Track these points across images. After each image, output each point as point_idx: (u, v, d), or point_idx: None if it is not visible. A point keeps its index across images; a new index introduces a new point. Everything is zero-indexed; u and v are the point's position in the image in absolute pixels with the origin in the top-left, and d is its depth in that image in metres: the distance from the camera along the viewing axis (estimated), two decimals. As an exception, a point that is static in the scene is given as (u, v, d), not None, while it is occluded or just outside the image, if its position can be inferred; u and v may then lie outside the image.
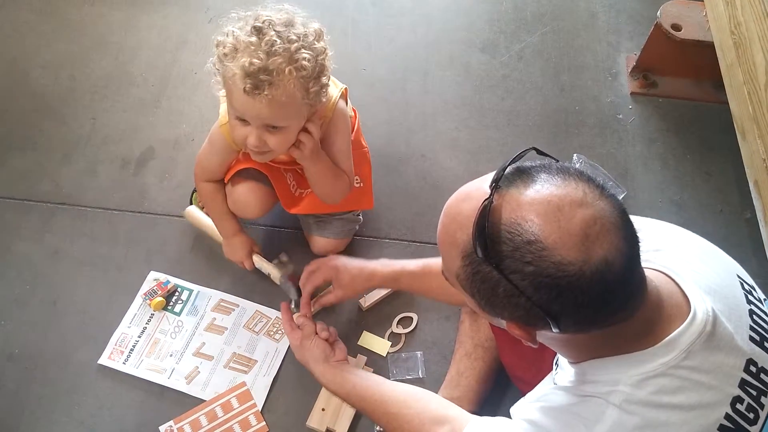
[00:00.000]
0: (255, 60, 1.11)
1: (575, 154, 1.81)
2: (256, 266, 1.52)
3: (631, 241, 0.71)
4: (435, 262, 1.31)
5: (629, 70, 2.02)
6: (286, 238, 1.64)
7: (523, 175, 0.73)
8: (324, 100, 1.26)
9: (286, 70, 1.13)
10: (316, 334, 1.33)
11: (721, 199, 1.79)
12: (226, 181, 1.48)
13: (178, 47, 2.01)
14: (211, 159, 1.43)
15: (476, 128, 1.90)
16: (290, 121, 1.22)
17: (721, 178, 1.83)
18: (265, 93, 1.13)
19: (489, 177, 0.75)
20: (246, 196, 1.45)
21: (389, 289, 1.53)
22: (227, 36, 1.16)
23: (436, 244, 0.82)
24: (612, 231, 0.69)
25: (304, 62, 1.15)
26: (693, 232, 0.94)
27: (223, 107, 1.33)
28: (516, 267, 0.69)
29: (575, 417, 0.79)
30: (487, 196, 0.71)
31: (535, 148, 0.81)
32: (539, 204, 0.69)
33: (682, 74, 1.99)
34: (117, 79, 1.93)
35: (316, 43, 1.19)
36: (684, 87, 1.99)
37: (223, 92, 1.25)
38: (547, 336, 0.78)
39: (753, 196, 1.50)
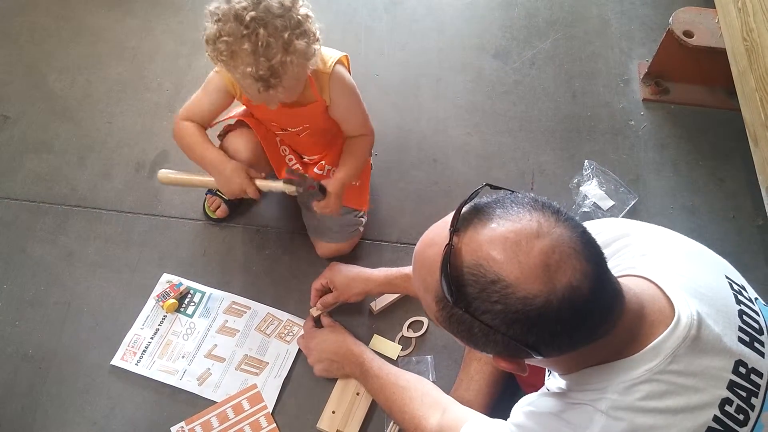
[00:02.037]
0: (260, 70, 1.15)
1: (586, 161, 1.81)
2: (264, 190, 1.41)
3: (595, 260, 0.72)
4: None
5: (641, 77, 2.02)
6: (309, 243, 1.64)
7: (480, 213, 0.75)
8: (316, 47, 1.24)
9: (288, 60, 1.16)
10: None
11: (733, 205, 1.78)
12: (218, 136, 1.51)
13: (192, 52, 2.03)
14: (203, 100, 1.41)
15: (488, 133, 1.90)
16: (302, 84, 1.28)
17: (733, 185, 1.82)
18: (278, 89, 1.18)
19: (449, 219, 0.77)
20: (236, 139, 1.47)
21: (398, 294, 1.54)
22: (218, 38, 1.16)
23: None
24: (572, 256, 0.70)
25: (299, 45, 1.17)
26: (705, 238, 0.94)
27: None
28: (485, 307, 0.71)
29: (564, 423, 0.81)
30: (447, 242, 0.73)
31: (488, 184, 0.82)
32: (497, 242, 0.71)
33: (694, 81, 1.99)
34: (132, 83, 1.96)
35: (292, 8, 1.18)
36: (696, 93, 1.99)
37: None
38: (536, 361, 0.80)
39: (765, 202, 1.50)
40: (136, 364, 1.45)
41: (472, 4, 2.22)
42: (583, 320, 0.71)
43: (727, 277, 0.88)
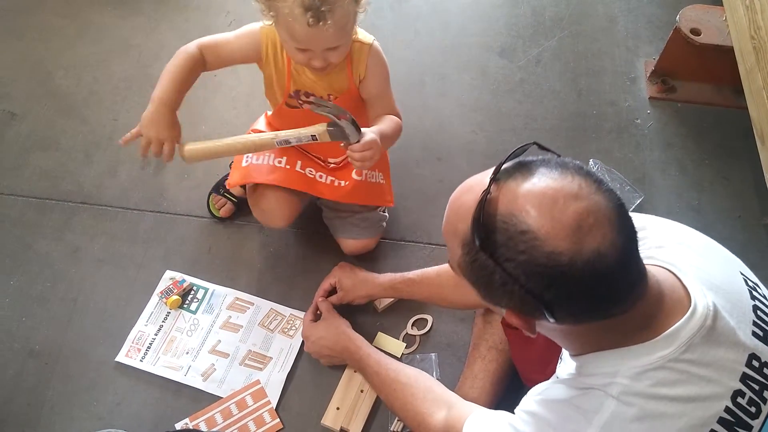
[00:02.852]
0: None
1: (591, 159, 1.81)
2: (288, 140, 1.27)
3: (626, 235, 0.72)
4: (432, 270, 1.39)
5: (648, 75, 2.02)
6: (313, 240, 1.65)
7: (523, 168, 0.75)
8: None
9: None
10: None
11: (739, 204, 1.78)
12: (251, 188, 1.50)
13: (198, 50, 2.03)
14: (229, 39, 1.34)
15: (493, 132, 1.90)
16: (349, 36, 1.25)
17: (739, 184, 1.81)
18: (328, 22, 1.14)
19: (491, 170, 0.77)
20: (274, 203, 1.48)
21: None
22: None
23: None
24: (606, 224, 0.70)
25: None
26: (711, 237, 0.94)
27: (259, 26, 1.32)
28: (509, 255, 0.71)
29: (574, 409, 0.80)
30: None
31: (536, 143, 0.83)
32: (535, 196, 0.71)
33: (701, 79, 1.98)
34: (138, 80, 1.96)
35: None
36: (703, 92, 1.98)
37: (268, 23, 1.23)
38: (547, 327, 0.80)
39: (772, 201, 1.49)
40: (141, 360, 1.46)
41: (477, 2, 2.22)
42: (603, 289, 0.71)
43: (741, 273, 0.88)
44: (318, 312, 1.48)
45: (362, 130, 1.26)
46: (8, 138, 1.84)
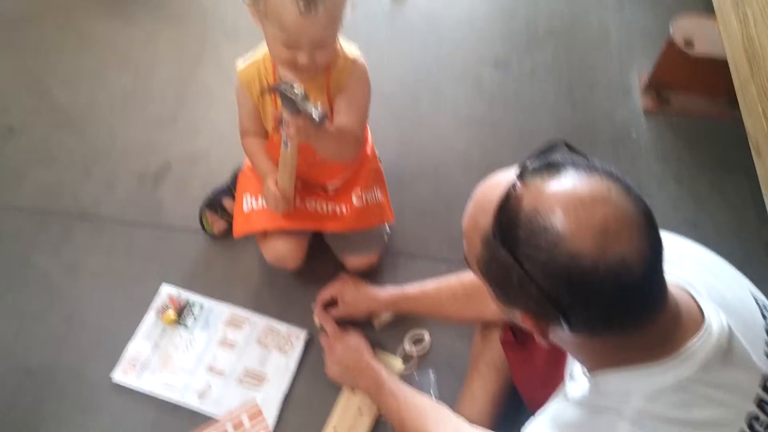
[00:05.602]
0: None
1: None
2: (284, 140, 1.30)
3: (653, 247, 0.70)
4: (431, 285, 1.38)
5: (642, 87, 2.02)
6: (310, 255, 1.61)
7: (551, 167, 0.74)
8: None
9: None
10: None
11: (737, 217, 1.78)
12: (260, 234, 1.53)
13: (195, 64, 2.04)
14: (241, 113, 1.45)
15: (488, 144, 1.90)
16: (336, 33, 1.24)
17: (736, 197, 1.82)
18: (320, 10, 1.13)
19: (517, 166, 0.76)
20: (284, 250, 1.50)
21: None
22: None
23: (448, 259, 0.83)
24: (634, 232, 0.68)
25: None
26: (709, 251, 0.94)
27: (240, 61, 1.37)
28: (530, 253, 0.69)
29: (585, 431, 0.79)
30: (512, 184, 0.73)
31: (565, 143, 0.81)
32: (562, 196, 0.70)
33: (695, 91, 1.98)
34: (136, 94, 1.97)
35: None
36: (698, 104, 1.99)
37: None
38: (561, 336, 0.78)
39: (768, 214, 1.49)
40: (137, 379, 1.45)
41: (472, 15, 2.23)
42: (622, 300, 0.69)
43: (752, 293, 0.87)
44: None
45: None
46: (6, 152, 1.84)
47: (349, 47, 1.36)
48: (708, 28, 1.88)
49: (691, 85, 1.97)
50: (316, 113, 1.17)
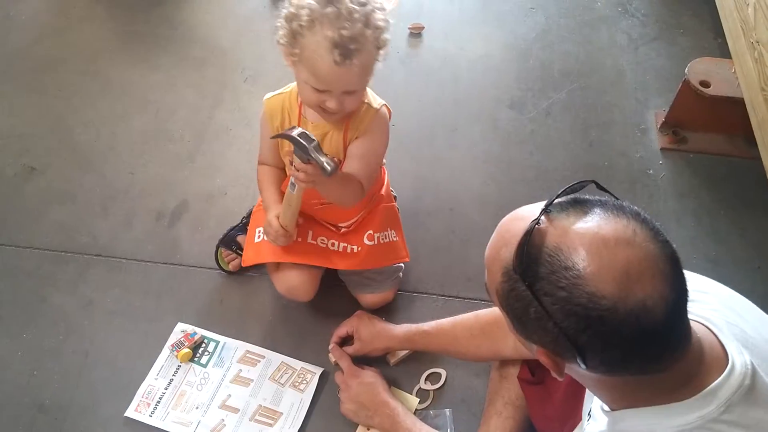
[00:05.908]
0: (343, 31, 1.12)
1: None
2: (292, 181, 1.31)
3: (678, 292, 0.69)
4: (447, 322, 1.37)
5: (658, 126, 2.03)
6: (325, 292, 1.61)
7: (578, 205, 0.74)
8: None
9: (367, 33, 1.15)
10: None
11: (758, 255, 1.75)
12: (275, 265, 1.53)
13: (214, 105, 2.09)
14: (261, 142, 1.50)
15: (504, 183, 1.91)
16: (367, 82, 1.26)
17: (756, 234, 1.79)
18: (354, 61, 1.15)
19: (544, 202, 0.76)
20: (297, 282, 1.50)
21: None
22: (300, 8, 1.14)
23: (464, 298, 0.82)
24: (658, 276, 0.67)
25: (380, 23, 1.18)
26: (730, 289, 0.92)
27: (270, 95, 1.41)
28: (549, 290, 0.69)
29: None
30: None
31: (595, 182, 0.81)
32: (586, 235, 0.69)
33: (712, 130, 1.98)
34: (155, 135, 2.01)
35: None
36: (715, 142, 1.98)
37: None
38: (578, 372, 0.77)
39: (791, 252, 1.47)
40: (150, 416, 1.44)
41: (487, 56, 2.26)
42: (642, 345, 0.68)
43: None
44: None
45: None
46: (27, 192, 1.87)
47: (374, 95, 1.38)
48: (723, 68, 1.89)
49: (708, 124, 1.97)
50: (328, 165, 1.18)
